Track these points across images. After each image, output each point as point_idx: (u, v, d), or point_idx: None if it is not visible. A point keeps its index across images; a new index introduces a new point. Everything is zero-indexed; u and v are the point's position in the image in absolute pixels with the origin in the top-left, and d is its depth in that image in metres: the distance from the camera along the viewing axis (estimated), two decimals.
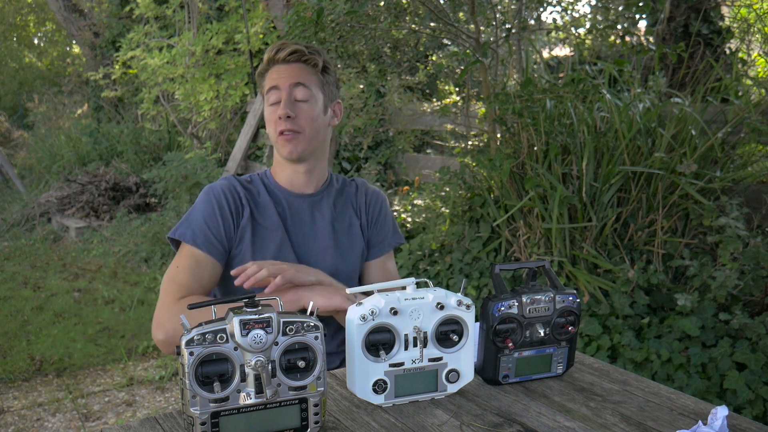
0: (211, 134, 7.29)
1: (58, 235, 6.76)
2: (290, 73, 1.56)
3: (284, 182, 1.64)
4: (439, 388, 1.19)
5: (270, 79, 1.58)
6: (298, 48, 1.57)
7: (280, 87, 1.56)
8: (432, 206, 4.01)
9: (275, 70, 1.58)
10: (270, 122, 1.59)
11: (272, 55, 1.58)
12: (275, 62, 1.58)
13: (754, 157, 3.12)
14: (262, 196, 1.62)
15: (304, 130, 1.56)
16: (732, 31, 4.53)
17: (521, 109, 3.04)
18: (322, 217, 1.64)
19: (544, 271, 1.31)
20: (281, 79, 1.56)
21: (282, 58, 1.57)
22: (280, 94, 1.56)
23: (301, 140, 1.56)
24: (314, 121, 1.58)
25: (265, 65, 1.60)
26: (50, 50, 15.88)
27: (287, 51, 1.56)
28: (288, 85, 1.55)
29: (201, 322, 1.02)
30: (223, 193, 1.56)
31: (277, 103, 1.56)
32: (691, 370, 2.46)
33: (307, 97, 1.56)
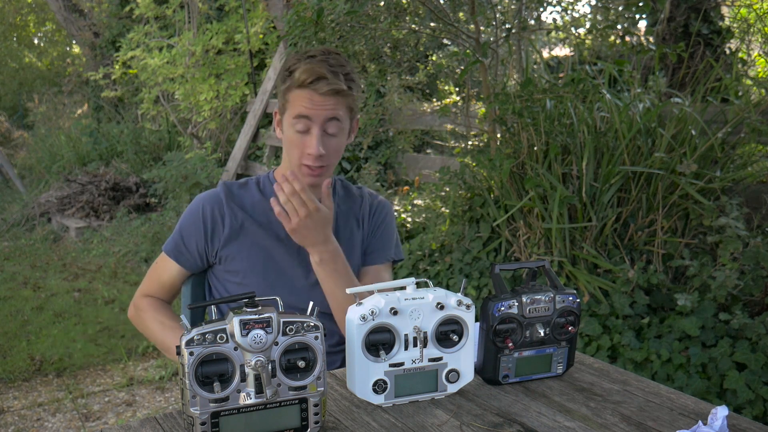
0: (211, 134, 7.29)
1: (58, 235, 6.76)
2: (325, 106, 1.48)
3: None
4: (439, 388, 1.19)
5: (300, 105, 1.48)
6: (338, 87, 1.47)
7: (312, 119, 1.48)
8: (432, 206, 4.01)
9: (308, 97, 1.47)
10: (294, 147, 1.52)
11: (307, 82, 1.46)
12: (308, 88, 1.47)
13: (754, 157, 3.12)
14: (257, 200, 1.60)
15: (330, 164, 1.54)
16: (732, 31, 4.54)
17: (521, 109, 3.04)
18: None
19: (544, 271, 1.31)
20: (315, 111, 1.48)
21: (319, 92, 1.47)
22: (311, 125, 1.49)
23: (324, 173, 1.55)
24: (339, 151, 1.56)
25: (295, 85, 1.48)
26: (50, 50, 15.88)
27: (327, 87, 1.46)
28: (322, 120, 1.48)
29: (201, 323, 1.02)
30: (202, 207, 1.57)
31: (305, 131, 1.49)
32: (691, 370, 2.47)
33: (338, 130, 1.52)
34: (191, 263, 1.59)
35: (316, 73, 1.46)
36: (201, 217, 1.56)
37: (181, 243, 1.58)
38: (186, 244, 1.57)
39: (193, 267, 1.60)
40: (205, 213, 1.56)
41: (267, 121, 6.50)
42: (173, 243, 1.59)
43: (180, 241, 1.58)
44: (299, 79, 1.47)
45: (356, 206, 1.70)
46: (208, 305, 1.07)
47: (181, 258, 1.58)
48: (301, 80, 1.46)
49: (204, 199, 1.58)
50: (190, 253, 1.58)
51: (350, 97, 1.52)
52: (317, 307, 1.09)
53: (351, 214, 1.68)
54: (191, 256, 1.58)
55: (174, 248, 1.59)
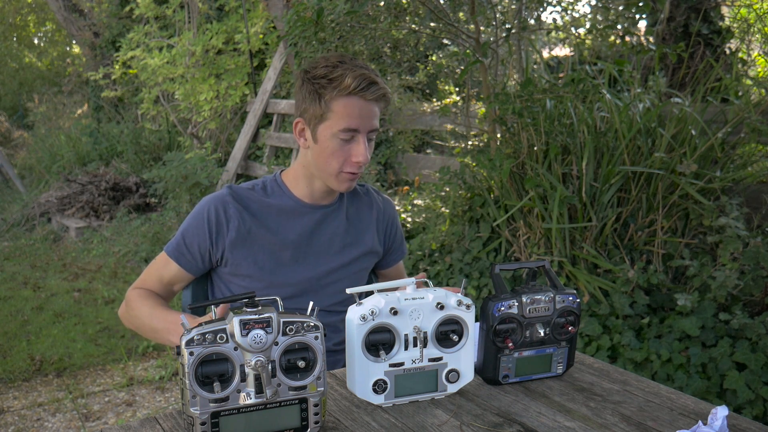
0: (211, 134, 7.29)
1: (58, 235, 6.75)
2: (371, 115, 1.48)
3: (302, 194, 1.60)
4: (439, 388, 1.19)
5: (349, 115, 1.45)
6: (387, 92, 1.49)
7: (360, 131, 1.47)
8: (432, 206, 4.01)
9: (357, 106, 1.45)
10: (335, 157, 1.49)
11: (358, 88, 1.44)
12: (357, 95, 1.44)
13: (754, 157, 3.12)
14: (264, 204, 1.58)
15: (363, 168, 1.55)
16: (732, 31, 4.53)
17: (521, 109, 3.04)
18: (332, 228, 1.63)
19: (544, 271, 1.31)
20: (364, 122, 1.47)
21: (368, 98, 1.46)
22: (357, 136, 1.48)
23: (358, 177, 1.56)
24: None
25: (345, 93, 1.44)
26: (50, 50, 15.88)
27: (378, 93, 1.46)
28: (368, 130, 1.49)
29: (201, 323, 1.02)
30: (208, 209, 1.55)
31: (349, 140, 1.47)
32: (691, 370, 2.47)
33: (375, 136, 1.54)
34: (192, 265, 1.58)
35: (368, 78, 1.44)
36: (206, 218, 1.54)
37: (182, 244, 1.57)
38: (188, 246, 1.56)
39: (194, 269, 1.59)
40: (210, 215, 1.54)
41: (267, 121, 6.51)
42: (175, 244, 1.58)
43: (182, 242, 1.57)
44: (349, 85, 1.43)
45: (364, 208, 1.69)
46: (208, 305, 1.07)
47: (181, 259, 1.57)
48: (353, 87, 1.43)
49: (210, 201, 1.56)
50: (191, 255, 1.57)
51: (387, 105, 1.54)
52: (317, 307, 1.09)
53: (360, 217, 1.68)
54: (192, 257, 1.57)
55: (175, 249, 1.57)
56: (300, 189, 1.60)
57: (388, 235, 1.73)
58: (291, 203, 1.59)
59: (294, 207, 1.59)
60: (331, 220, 1.63)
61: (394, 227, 1.74)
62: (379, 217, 1.70)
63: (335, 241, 1.62)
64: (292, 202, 1.59)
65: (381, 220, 1.71)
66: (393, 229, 1.74)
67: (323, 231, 1.62)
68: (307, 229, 1.60)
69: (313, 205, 1.61)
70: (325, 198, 1.62)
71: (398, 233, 1.76)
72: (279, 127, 6.30)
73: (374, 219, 1.70)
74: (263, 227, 1.56)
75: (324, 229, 1.62)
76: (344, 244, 1.63)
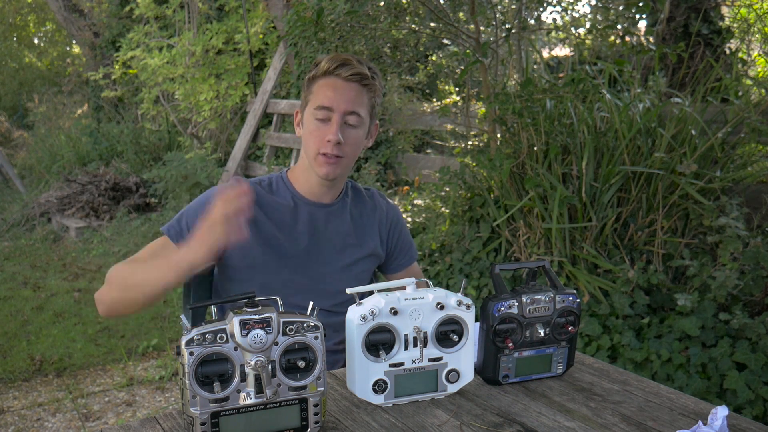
0: (211, 134, 7.29)
1: (58, 235, 6.75)
2: (347, 96, 1.51)
3: (303, 189, 1.61)
4: (439, 388, 1.19)
5: (323, 94, 1.51)
6: (362, 71, 1.51)
7: (334, 109, 1.50)
8: (432, 206, 4.01)
9: (331, 86, 1.51)
10: (312, 137, 1.53)
11: (332, 68, 1.50)
12: (332, 75, 1.51)
13: (754, 157, 3.12)
14: (270, 199, 1.58)
15: (347, 156, 1.54)
16: (732, 31, 4.54)
17: (521, 109, 3.04)
18: (335, 228, 1.62)
19: (544, 271, 1.31)
20: (338, 101, 1.50)
21: (343, 76, 1.50)
22: (332, 115, 1.51)
23: (340, 164, 1.54)
24: (357, 146, 1.56)
25: (320, 73, 1.52)
26: (50, 50, 15.87)
27: (351, 71, 1.50)
28: (342, 111, 1.50)
29: (202, 324, 1.02)
30: (212, 192, 1.52)
31: (325, 120, 1.51)
32: (691, 370, 2.47)
33: (358, 123, 1.53)
34: None
35: (341, 59, 1.50)
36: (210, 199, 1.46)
37: (183, 223, 1.52)
38: (189, 225, 1.51)
39: None
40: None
41: (267, 121, 6.50)
42: (174, 223, 1.54)
43: (183, 221, 1.52)
44: (323, 67, 1.50)
45: (368, 210, 1.69)
46: (208, 305, 1.07)
47: (180, 239, 1.50)
48: (326, 67, 1.50)
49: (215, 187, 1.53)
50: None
51: (372, 91, 1.54)
52: (317, 307, 1.09)
53: (363, 219, 1.68)
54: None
55: (175, 227, 1.52)
56: (301, 183, 1.61)
57: (391, 239, 1.72)
58: (293, 200, 1.60)
59: (296, 203, 1.60)
60: (334, 220, 1.62)
61: (397, 231, 1.73)
62: (381, 221, 1.70)
63: (337, 241, 1.62)
64: (295, 199, 1.60)
65: (384, 223, 1.70)
66: (396, 234, 1.73)
67: (326, 230, 1.61)
68: (310, 228, 1.59)
69: (314, 202, 1.61)
70: (325, 195, 1.61)
71: (402, 237, 1.75)
72: (279, 127, 6.30)
73: (377, 222, 1.69)
74: (269, 221, 1.56)
75: (326, 228, 1.61)
76: (346, 245, 1.63)
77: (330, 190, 1.61)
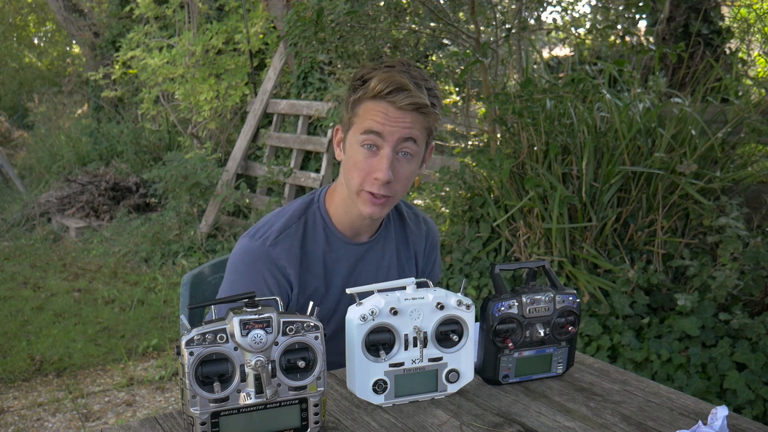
0: (211, 134, 7.29)
1: (58, 235, 6.75)
2: (401, 124, 1.28)
3: (342, 224, 1.43)
4: (439, 388, 1.19)
5: (372, 118, 1.28)
6: (421, 101, 1.27)
7: (384, 138, 1.28)
8: (432, 206, 4.01)
9: (382, 111, 1.27)
10: (357, 170, 1.31)
11: (384, 92, 1.26)
12: (384, 100, 1.27)
13: (754, 157, 3.12)
14: (305, 253, 1.40)
15: (396, 195, 1.34)
16: (732, 31, 4.54)
17: (521, 109, 3.04)
18: (375, 265, 1.49)
19: (544, 271, 1.31)
20: (389, 128, 1.27)
21: (397, 105, 1.27)
22: (382, 144, 1.29)
23: (388, 204, 1.34)
24: (409, 181, 1.35)
25: (369, 95, 1.28)
26: (50, 50, 15.87)
27: (407, 100, 1.26)
28: (395, 140, 1.28)
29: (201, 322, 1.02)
30: (266, 283, 1.36)
31: (373, 147, 1.29)
32: (691, 370, 2.46)
33: (412, 153, 1.32)
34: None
35: (396, 82, 1.26)
36: (268, 293, 1.36)
37: None
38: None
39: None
40: (271, 286, 1.36)
41: (267, 121, 6.50)
42: None
43: None
44: (375, 88, 1.27)
45: (411, 235, 1.55)
46: (208, 305, 1.07)
47: None
48: (378, 90, 1.27)
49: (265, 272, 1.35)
50: None
51: (431, 117, 1.32)
52: (317, 307, 1.09)
53: (407, 246, 1.54)
54: None
55: None
56: (340, 216, 1.42)
57: (428, 266, 1.60)
58: (335, 246, 1.43)
59: (333, 246, 1.43)
60: (374, 257, 1.48)
61: (434, 258, 1.61)
62: (427, 247, 1.58)
63: (379, 278, 1.48)
64: (331, 240, 1.43)
65: (423, 254, 1.58)
66: (432, 260, 1.61)
67: (364, 269, 1.47)
68: (347, 270, 1.45)
69: (353, 243, 1.45)
70: (366, 230, 1.45)
71: (435, 265, 1.62)
72: (279, 127, 6.30)
73: (423, 249, 1.56)
74: (302, 283, 1.40)
75: (365, 267, 1.47)
76: (388, 278, 1.50)
77: (373, 224, 1.45)
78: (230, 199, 5.70)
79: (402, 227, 1.54)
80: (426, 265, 1.60)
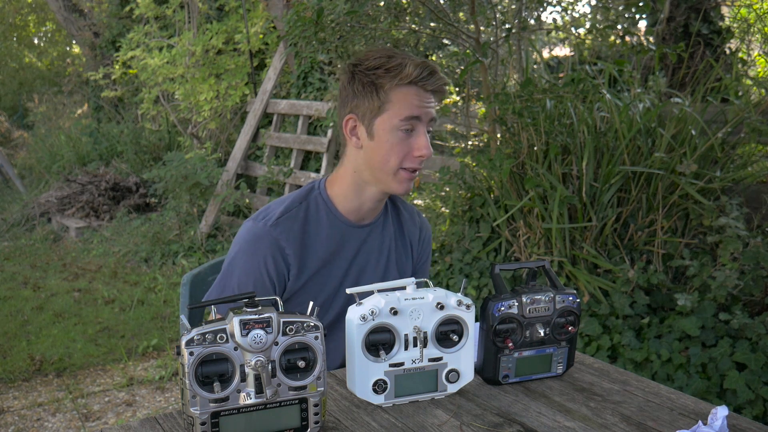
0: (211, 134, 7.29)
1: (58, 235, 6.75)
2: (431, 105, 1.41)
3: (347, 209, 1.49)
4: (439, 388, 1.19)
5: (410, 103, 1.38)
6: (447, 83, 1.43)
7: (421, 119, 1.40)
8: (432, 206, 4.01)
9: (417, 95, 1.39)
10: (395, 151, 1.40)
11: (420, 76, 1.38)
12: (418, 84, 1.38)
13: (754, 157, 3.13)
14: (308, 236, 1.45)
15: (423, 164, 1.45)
16: (732, 31, 4.54)
17: (521, 109, 3.04)
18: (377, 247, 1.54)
19: (544, 271, 1.31)
20: (425, 110, 1.40)
21: (429, 88, 1.40)
22: (417, 125, 1.40)
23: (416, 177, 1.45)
24: None
25: (405, 81, 1.38)
26: (50, 50, 15.87)
27: (439, 83, 1.40)
28: (428, 120, 1.41)
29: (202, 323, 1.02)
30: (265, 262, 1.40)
31: (409, 130, 1.39)
32: (691, 370, 2.46)
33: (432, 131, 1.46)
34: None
35: (429, 67, 1.39)
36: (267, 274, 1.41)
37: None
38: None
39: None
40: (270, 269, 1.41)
41: (267, 121, 6.50)
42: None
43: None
44: (410, 74, 1.37)
45: (407, 224, 1.61)
46: (208, 305, 1.07)
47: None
48: (414, 75, 1.37)
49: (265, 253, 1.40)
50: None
51: (442, 97, 1.48)
52: (317, 307, 1.09)
53: (402, 232, 1.60)
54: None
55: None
56: (347, 202, 1.48)
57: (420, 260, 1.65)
58: (338, 229, 1.48)
59: (339, 229, 1.49)
60: (376, 238, 1.54)
61: (426, 254, 1.67)
62: (421, 238, 1.63)
63: (380, 259, 1.55)
64: (336, 224, 1.48)
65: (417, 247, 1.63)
66: (424, 256, 1.66)
67: (367, 250, 1.53)
68: (352, 253, 1.51)
69: (358, 225, 1.51)
70: (372, 212, 1.52)
71: (426, 261, 1.68)
72: (279, 127, 6.30)
73: (417, 239, 1.62)
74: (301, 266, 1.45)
75: (368, 248, 1.53)
76: (387, 264, 1.56)
77: (379, 206, 1.52)
78: (230, 199, 5.70)
79: (397, 214, 1.61)
80: (420, 256, 1.65)
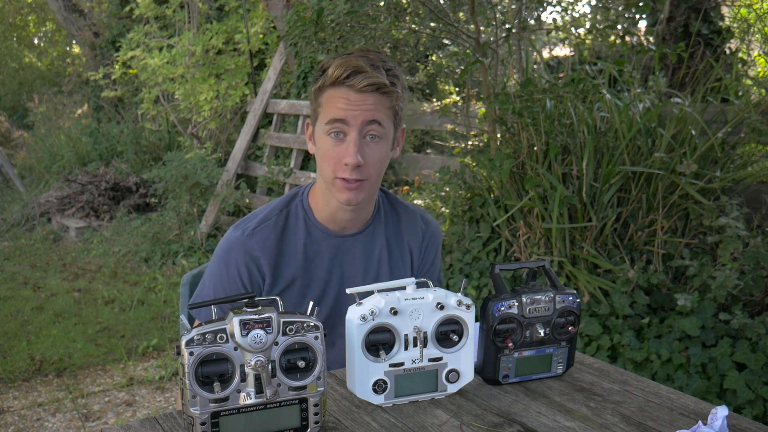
0: (211, 134, 7.29)
1: (58, 235, 6.75)
2: (363, 107, 1.29)
3: (324, 217, 1.44)
4: (439, 388, 1.19)
5: (334, 106, 1.29)
6: (379, 81, 1.28)
7: (349, 123, 1.29)
8: (432, 206, 4.01)
9: (343, 97, 1.29)
10: (326, 159, 1.33)
11: (342, 77, 1.28)
12: (343, 85, 1.29)
13: (754, 157, 3.13)
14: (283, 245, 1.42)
15: (370, 177, 1.34)
16: (732, 31, 4.54)
17: (521, 109, 3.04)
18: (363, 258, 1.47)
19: (544, 271, 1.31)
20: (352, 113, 1.28)
21: (356, 87, 1.28)
22: (347, 130, 1.30)
23: (363, 188, 1.34)
24: (382, 163, 1.35)
25: (328, 82, 1.30)
26: (50, 50, 15.87)
27: (365, 81, 1.27)
28: (360, 123, 1.29)
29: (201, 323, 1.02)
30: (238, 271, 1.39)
31: (340, 134, 1.31)
32: (691, 370, 2.46)
33: (380, 135, 1.32)
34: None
35: (351, 66, 1.27)
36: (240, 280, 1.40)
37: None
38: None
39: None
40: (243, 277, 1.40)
41: (267, 121, 6.50)
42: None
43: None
44: (332, 75, 1.28)
45: (406, 232, 1.53)
46: (208, 305, 1.07)
47: None
48: (335, 76, 1.28)
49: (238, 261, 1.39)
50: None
51: (393, 96, 1.32)
52: (317, 307, 1.09)
53: (400, 240, 1.52)
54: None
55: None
56: (321, 210, 1.44)
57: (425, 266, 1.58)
58: (315, 238, 1.44)
59: (319, 241, 1.44)
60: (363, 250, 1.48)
61: (432, 259, 1.59)
62: (424, 245, 1.55)
63: (370, 271, 1.48)
64: (313, 234, 1.44)
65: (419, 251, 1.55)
66: (429, 260, 1.58)
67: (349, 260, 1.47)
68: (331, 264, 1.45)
69: (337, 234, 1.45)
70: (351, 222, 1.44)
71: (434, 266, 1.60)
72: (279, 127, 6.30)
73: (418, 246, 1.54)
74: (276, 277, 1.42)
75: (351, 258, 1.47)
76: (378, 274, 1.49)
77: (357, 215, 1.43)
78: (230, 199, 5.70)
79: (396, 222, 1.53)
80: (423, 264, 1.58)
